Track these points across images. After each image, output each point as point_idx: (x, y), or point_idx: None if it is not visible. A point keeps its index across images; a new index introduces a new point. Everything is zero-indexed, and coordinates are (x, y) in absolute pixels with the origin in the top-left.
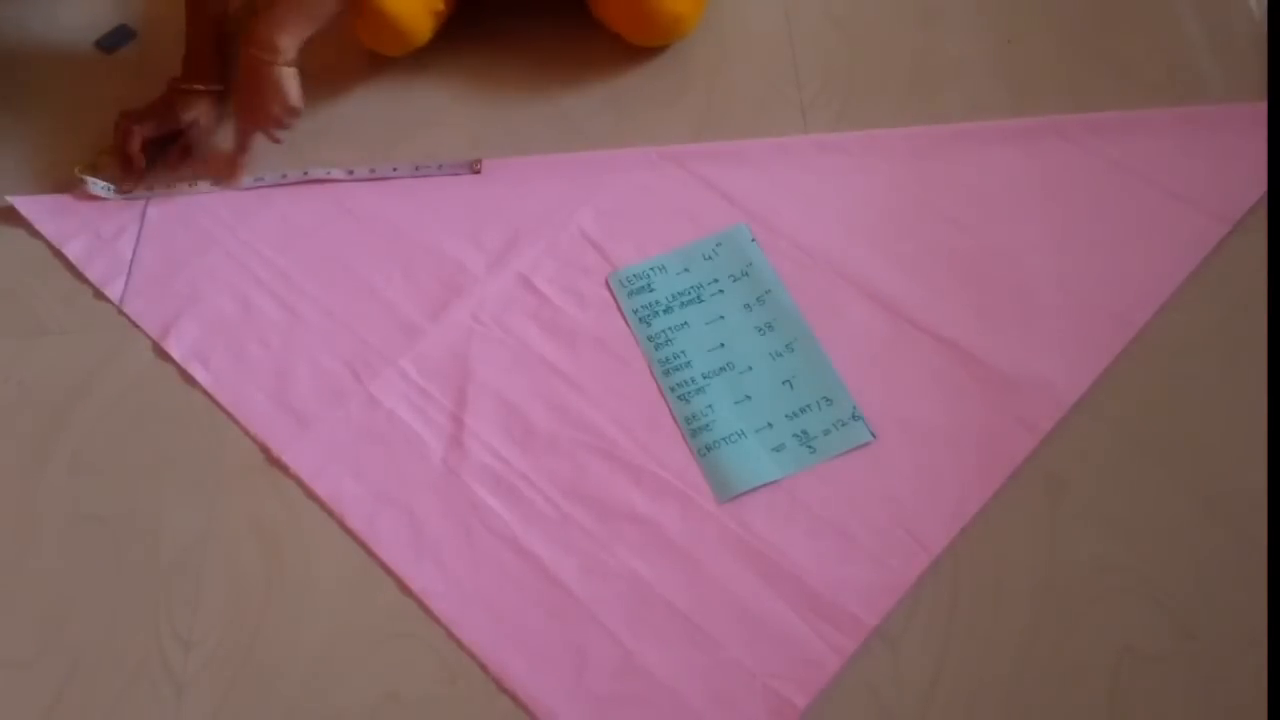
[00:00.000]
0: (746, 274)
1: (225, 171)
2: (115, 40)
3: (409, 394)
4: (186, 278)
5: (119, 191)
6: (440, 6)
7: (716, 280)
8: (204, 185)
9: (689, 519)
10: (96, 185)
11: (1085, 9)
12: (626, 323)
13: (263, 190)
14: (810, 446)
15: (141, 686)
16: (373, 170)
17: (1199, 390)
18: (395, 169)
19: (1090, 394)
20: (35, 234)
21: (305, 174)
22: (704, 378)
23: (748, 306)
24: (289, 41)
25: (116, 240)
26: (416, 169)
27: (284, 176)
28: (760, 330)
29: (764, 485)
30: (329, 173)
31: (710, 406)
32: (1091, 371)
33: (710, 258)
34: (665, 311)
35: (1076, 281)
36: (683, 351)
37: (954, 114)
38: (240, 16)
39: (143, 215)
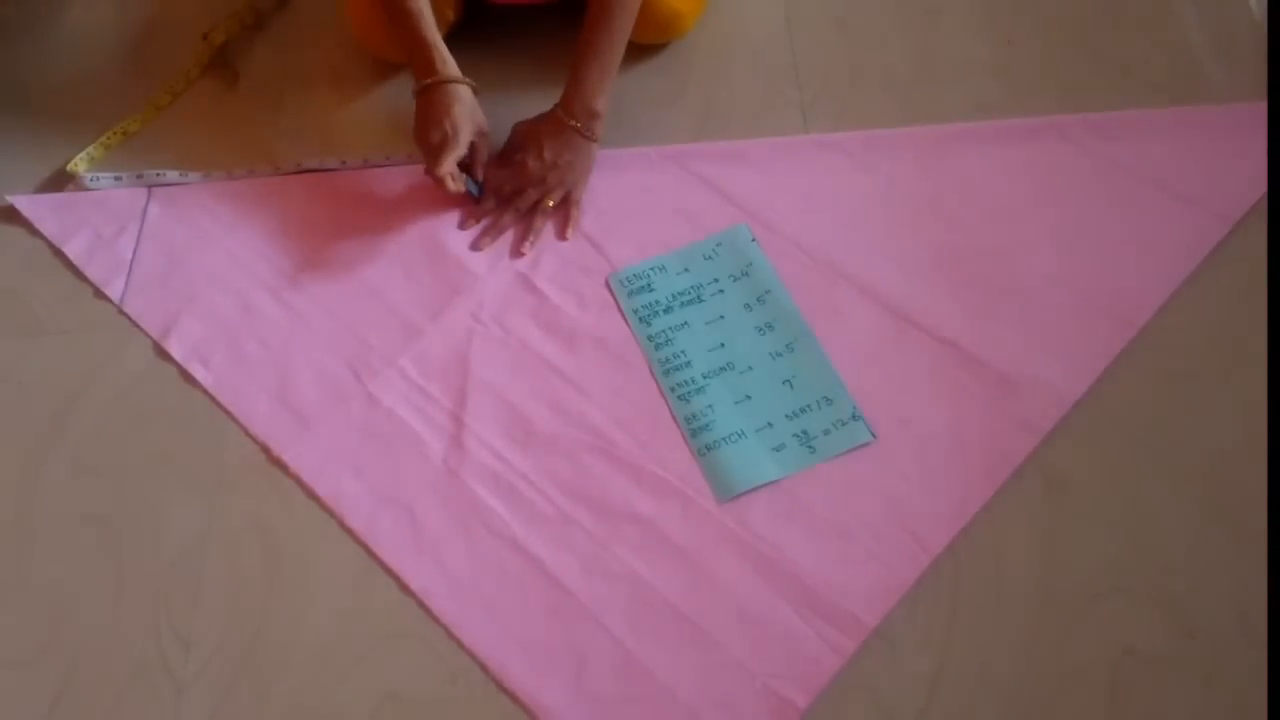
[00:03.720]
0: (746, 274)
1: (564, 232)
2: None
3: (409, 393)
4: (187, 277)
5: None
6: (450, 16)
7: (716, 280)
8: (194, 176)
9: (689, 519)
10: (89, 178)
11: (1085, 9)
12: (626, 323)
13: (263, 190)
14: (810, 446)
15: (141, 686)
16: (366, 159)
17: (1199, 390)
18: (388, 158)
19: (1090, 394)
20: (35, 234)
21: (299, 165)
22: (704, 377)
23: (748, 306)
24: (605, 107)
25: (117, 240)
26: (409, 156)
27: (276, 169)
28: (760, 330)
29: (764, 485)
30: (322, 162)
31: (710, 406)
32: (1091, 371)
33: (710, 258)
34: (665, 311)
35: (1076, 281)
36: (683, 351)
37: (954, 114)
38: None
39: (143, 215)
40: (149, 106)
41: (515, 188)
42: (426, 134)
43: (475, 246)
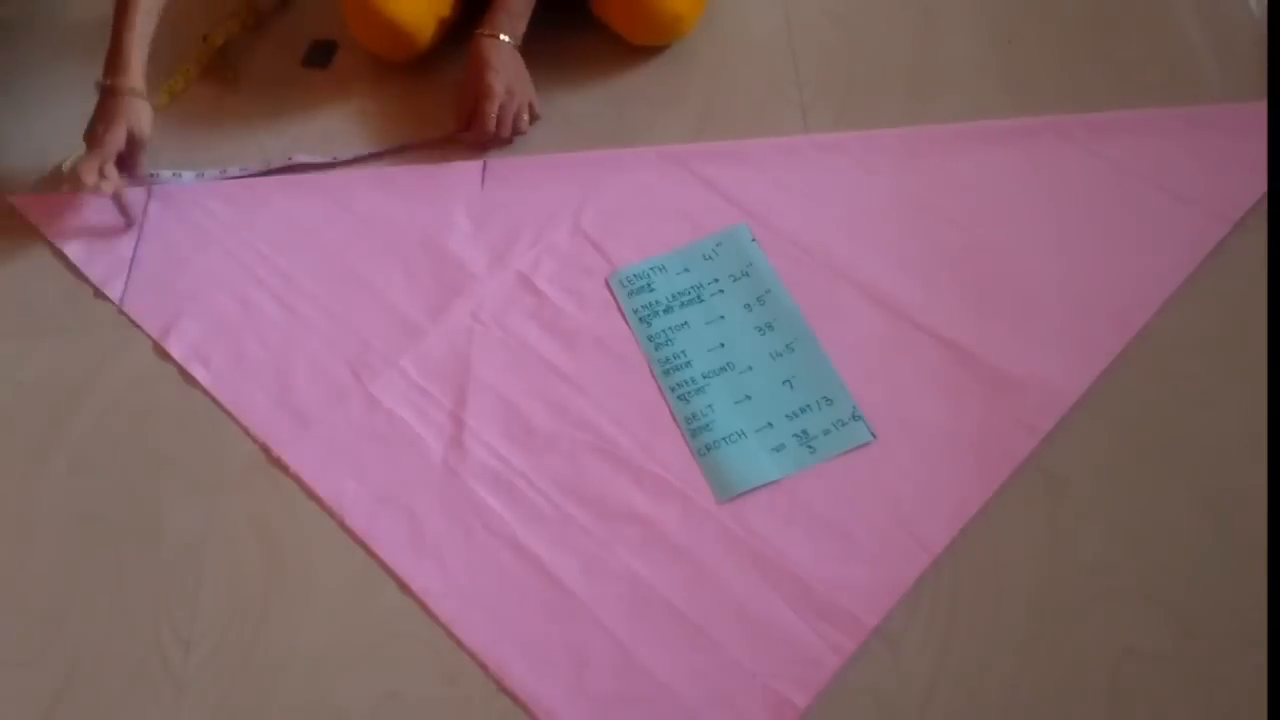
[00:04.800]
0: (746, 274)
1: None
2: (322, 56)
3: (409, 394)
4: (186, 277)
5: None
6: (445, 13)
7: (717, 280)
8: (188, 175)
9: (689, 519)
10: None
11: (1085, 9)
12: (626, 322)
13: (262, 189)
14: (810, 446)
15: (141, 686)
16: (356, 155)
17: (1199, 390)
18: (372, 153)
19: (1090, 394)
20: (35, 234)
21: (290, 158)
22: (704, 377)
23: (748, 306)
24: (522, 31)
25: (117, 240)
26: (403, 147)
27: (268, 164)
28: (760, 330)
29: (764, 485)
30: (310, 157)
31: (710, 406)
32: (1091, 371)
33: (710, 258)
34: (665, 311)
35: (1076, 281)
36: (683, 351)
37: (954, 114)
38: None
39: (143, 215)
40: None
41: (485, 101)
42: (90, 131)
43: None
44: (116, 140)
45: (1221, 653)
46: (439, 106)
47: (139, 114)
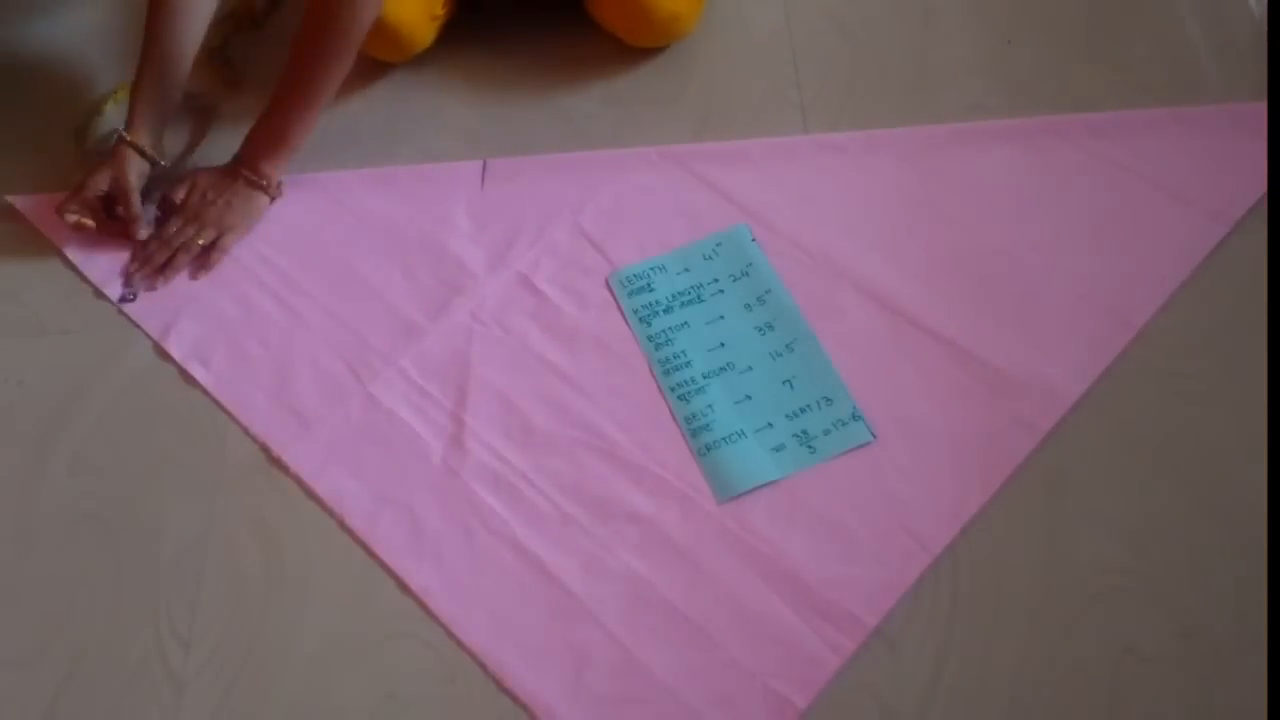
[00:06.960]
0: (746, 274)
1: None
2: None
3: (409, 394)
4: (186, 278)
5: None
6: (439, 11)
7: (717, 280)
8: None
9: (689, 519)
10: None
11: (1085, 9)
12: (626, 322)
13: None
14: (810, 446)
15: (141, 686)
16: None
17: (1199, 390)
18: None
19: (1090, 394)
20: (35, 234)
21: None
22: (704, 377)
23: (748, 306)
24: (274, 171)
25: (116, 240)
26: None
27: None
28: (760, 330)
29: (764, 485)
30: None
31: (710, 406)
32: (1091, 371)
33: (710, 258)
34: (665, 311)
35: (1076, 281)
36: (683, 351)
37: (954, 114)
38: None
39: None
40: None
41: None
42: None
43: (125, 278)
44: (96, 184)
45: (1221, 653)
46: (437, 105)
47: (125, 164)
